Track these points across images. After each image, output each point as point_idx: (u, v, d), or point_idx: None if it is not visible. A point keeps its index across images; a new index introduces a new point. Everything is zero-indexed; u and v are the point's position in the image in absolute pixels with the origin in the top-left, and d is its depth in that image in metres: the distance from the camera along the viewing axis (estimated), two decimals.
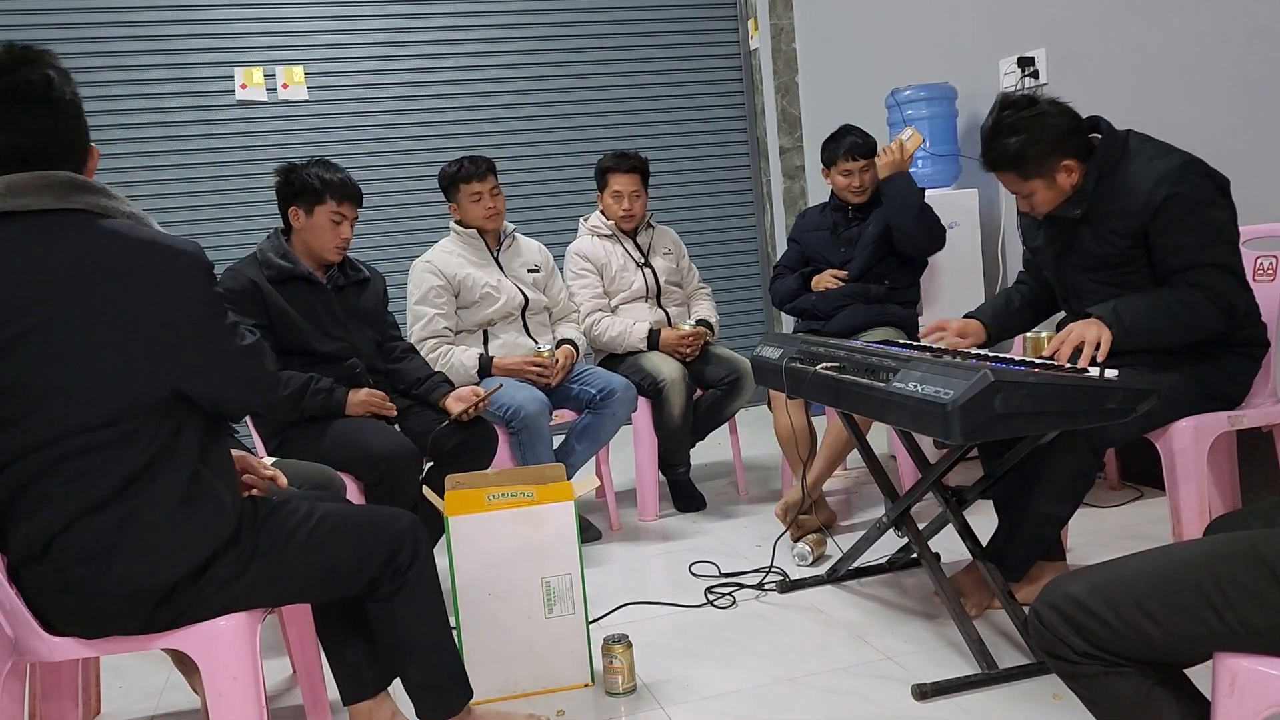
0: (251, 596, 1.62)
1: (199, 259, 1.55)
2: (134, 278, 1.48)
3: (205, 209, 4.76)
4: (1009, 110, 2.25)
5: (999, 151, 2.25)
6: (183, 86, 4.80)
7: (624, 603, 2.66)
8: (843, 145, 3.29)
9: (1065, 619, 1.26)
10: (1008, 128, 2.23)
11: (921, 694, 2.01)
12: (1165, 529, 2.40)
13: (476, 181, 3.31)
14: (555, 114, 5.31)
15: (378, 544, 1.73)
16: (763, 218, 5.66)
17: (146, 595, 1.52)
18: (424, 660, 1.83)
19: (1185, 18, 3.01)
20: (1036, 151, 2.22)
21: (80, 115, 1.57)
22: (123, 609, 1.53)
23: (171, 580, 1.52)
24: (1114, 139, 2.28)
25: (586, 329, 3.54)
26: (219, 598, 1.58)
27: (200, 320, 1.54)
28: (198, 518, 1.55)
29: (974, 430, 1.78)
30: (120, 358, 1.47)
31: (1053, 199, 2.30)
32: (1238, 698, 1.20)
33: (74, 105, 1.55)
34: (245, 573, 1.59)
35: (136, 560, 1.50)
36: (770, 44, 5.39)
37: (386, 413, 2.74)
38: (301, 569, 1.66)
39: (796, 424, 3.03)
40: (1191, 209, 2.16)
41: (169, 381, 1.51)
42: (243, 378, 1.63)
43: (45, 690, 1.90)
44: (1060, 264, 2.43)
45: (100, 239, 1.49)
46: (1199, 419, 2.26)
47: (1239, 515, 1.48)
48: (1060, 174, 2.26)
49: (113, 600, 1.51)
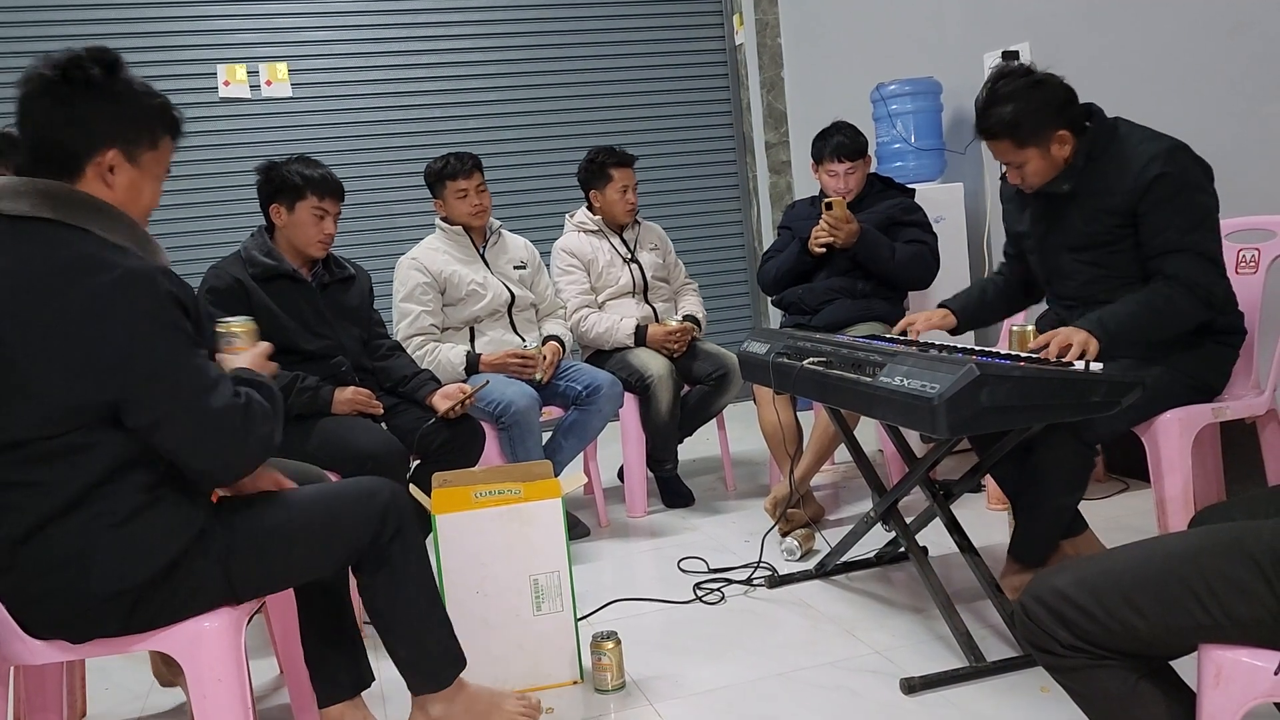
0: (233, 590, 1.60)
1: (140, 276, 1.47)
2: (77, 289, 1.44)
3: (189, 207, 4.72)
4: (1005, 79, 2.24)
5: (995, 118, 2.24)
6: (165, 84, 4.64)
7: (612, 599, 2.66)
8: (829, 145, 3.26)
9: (1051, 613, 1.27)
10: (1004, 95, 2.22)
11: (910, 688, 2.01)
12: (1151, 521, 2.42)
13: (462, 178, 3.30)
14: (540, 110, 5.29)
15: (356, 523, 1.72)
16: (749, 213, 5.66)
17: (123, 597, 1.51)
18: (410, 636, 1.82)
19: (1168, 12, 3.02)
20: (1032, 119, 2.21)
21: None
22: (102, 612, 1.52)
23: (141, 580, 1.51)
24: (1105, 122, 2.29)
25: (573, 325, 3.54)
26: (200, 595, 1.57)
27: (142, 336, 1.46)
28: (162, 519, 1.53)
29: (960, 424, 1.79)
30: (65, 370, 1.44)
31: (1045, 170, 2.29)
32: (1223, 689, 1.21)
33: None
34: (222, 567, 1.58)
35: (107, 564, 1.49)
36: (755, 39, 5.38)
37: (373, 411, 2.73)
38: (280, 556, 1.65)
39: (783, 419, 3.03)
40: (1180, 190, 2.18)
41: (110, 397, 1.47)
42: (193, 409, 1.50)
43: (30, 693, 1.89)
44: (1044, 245, 2.43)
45: (57, 249, 1.47)
46: (1184, 411, 2.28)
47: (1224, 507, 1.49)
48: (1054, 144, 2.25)
49: (91, 605, 1.51)
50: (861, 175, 3.31)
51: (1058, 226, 2.37)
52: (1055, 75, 2.27)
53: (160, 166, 1.63)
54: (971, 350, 2.21)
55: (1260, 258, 2.47)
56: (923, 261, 3.25)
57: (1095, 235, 2.29)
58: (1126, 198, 2.22)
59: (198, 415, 1.50)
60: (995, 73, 2.29)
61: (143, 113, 1.58)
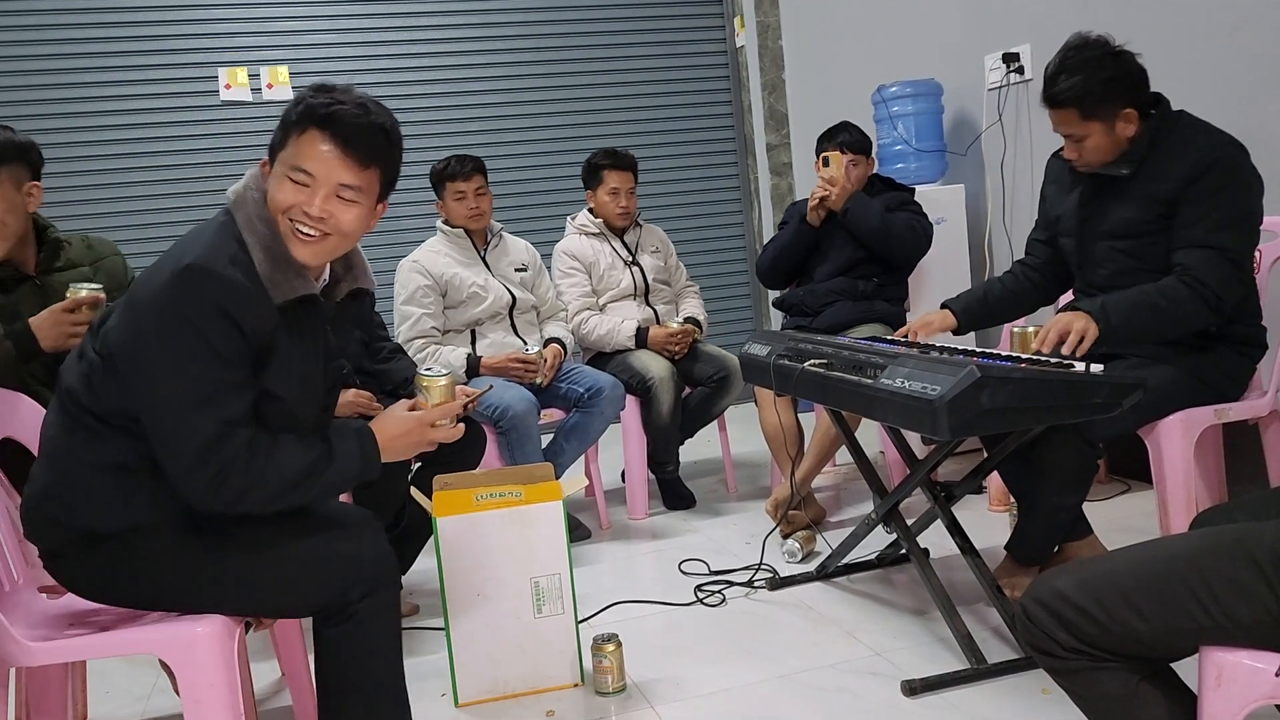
0: (191, 596, 1.59)
1: (197, 272, 1.50)
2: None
3: (190, 210, 4.72)
4: (1079, 49, 2.21)
5: (1064, 86, 2.19)
6: (167, 87, 4.77)
7: (613, 602, 2.66)
8: (835, 138, 3.30)
9: (1053, 615, 1.26)
10: (1076, 65, 2.19)
11: (911, 690, 2.01)
12: (1152, 522, 2.41)
13: (461, 180, 3.31)
14: (541, 112, 5.29)
15: (329, 576, 1.59)
16: (750, 215, 5.66)
17: (92, 540, 1.56)
18: (363, 702, 1.63)
19: (1169, 11, 3.02)
20: (1101, 91, 2.17)
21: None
22: (82, 559, 1.58)
23: (98, 531, 1.56)
24: (1170, 112, 2.26)
25: (574, 328, 3.54)
26: (156, 587, 1.59)
27: (155, 325, 1.50)
28: (118, 489, 1.56)
29: (961, 426, 1.79)
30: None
31: (1104, 148, 2.24)
32: (1224, 691, 1.21)
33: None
34: (183, 566, 1.57)
35: (63, 505, 1.56)
36: (757, 41, 5.39)
37: (373, 413, 2.72)
38: (242, 583, 1.59)
39: (784, 421, 3.03)
40: (1225, 186, 2.14)
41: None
42: (164, 415, 1.47)
43: (32, 696, 1.89)
44: (1084, 229, 2.39)
45: None
46: (1186, 413, 2.27)
47: (1225, 509, 1.48)
48: (1120, 121, 2.21)
49: (74, 548, 1.57)
50: (864, 173, 3.32)
51: (1102, 211, 2.33)
52: (1130, 52, 2.22)
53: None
54: (972, 351, 2.21)
55: (1261, 259, 2.46)
56: (913, 231, 3.24)
57: (1138, 224, 2.25)
58: (1174, 185, 2.18)
59: (170, 423, 1.47)
60: (1070, 41, 2.25)
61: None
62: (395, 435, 1.67)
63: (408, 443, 1.69)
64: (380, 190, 1.63)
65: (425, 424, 1.69)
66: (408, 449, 1.70)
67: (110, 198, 4.61)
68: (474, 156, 3.37)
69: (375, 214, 1.65)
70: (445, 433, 1.73)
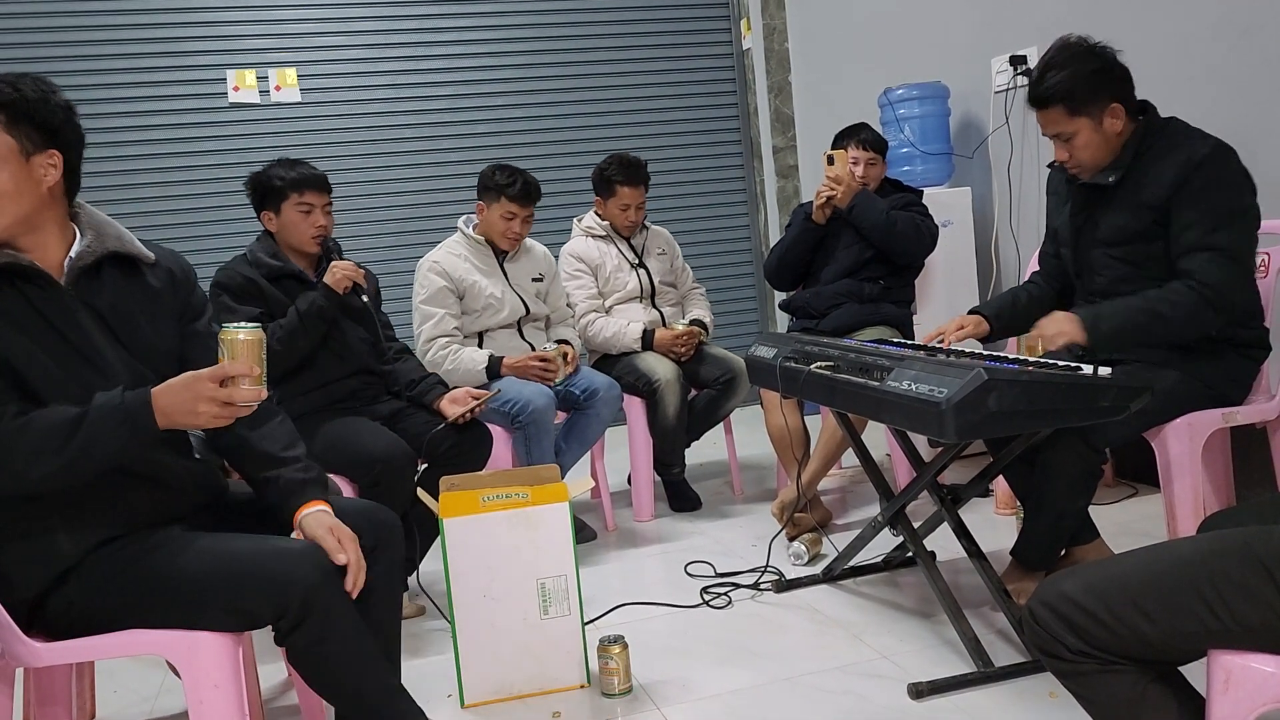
0: (139, 615, 1.59)
1: None
2: None
3: (198, 211, 4.74)
4: (1060, 49, 2.23)
5: (1049, 83, 2.21)
6: (175, 89, 4.79)
7: (620, 603, 2.66)
8: (854, 134, 3.31)
9: (1060, 618, 1.26)
10: (1059, 62, 2.21)
11: (917, 693, 2.01)
12: (1160, 526, 2.41)
13: (519, 204, 3.23)
14: (548, 115, 5.29)
15: (260, 599, 1.56)
16: (756, 217, 5.66)
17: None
18: (346, 697, 1.66)
19: (1178, 15, 3.01)
20: (1086, 85, 2.19)
21: None
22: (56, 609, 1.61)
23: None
24: (1158, 118, 2.28)
25: (581, 329, 3.54)
26: (112, 616, 1.59)
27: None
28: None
29: (968, 429, 1.78)
30: None
31: (1095, 145, 2.25)
32: (1232, 695, 1.20)
33: None
34: (114, 593, 1.59)
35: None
36: (763, 44, 5.39)
37: (358, 279, 2.75)
38: (158, 598, 1.58)
39: (791, 423, 3.03)
40: (1215, 186, 2.15)
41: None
42: None
43: (39, 695, 1.89)
44: (1079, 238, 2.40)
45: None
46: (1193, 416, 2.26)
47: (1233, 512, 1.48)
48: (1107, 116, 2.22)
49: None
50: (880, 172, 3.34)
51: (1093, 220, 2.35)
52: (1111, 49, 2.25)
53: None
54: (979, 355, 2.21)
55: (1270, 262, 2.46)
56: (916, 229, 3.24)
57: (1130, 230, 2.26)
58: (1163, 190, 2.18)
59: None
60: (1054, 44, 2.28)
61: None
62: (170, 389, 1.51)
63: (187, 397, 1.49)
64: (26, 146, 1.54)
65: (205, 380, 1.49)
66: (189, 406, 1.50)
67: (118, 199, 4.61)
68: (537, 183, 3.27)
69: (33, 167, 1.56)
70: (242, 392, 1.50)
